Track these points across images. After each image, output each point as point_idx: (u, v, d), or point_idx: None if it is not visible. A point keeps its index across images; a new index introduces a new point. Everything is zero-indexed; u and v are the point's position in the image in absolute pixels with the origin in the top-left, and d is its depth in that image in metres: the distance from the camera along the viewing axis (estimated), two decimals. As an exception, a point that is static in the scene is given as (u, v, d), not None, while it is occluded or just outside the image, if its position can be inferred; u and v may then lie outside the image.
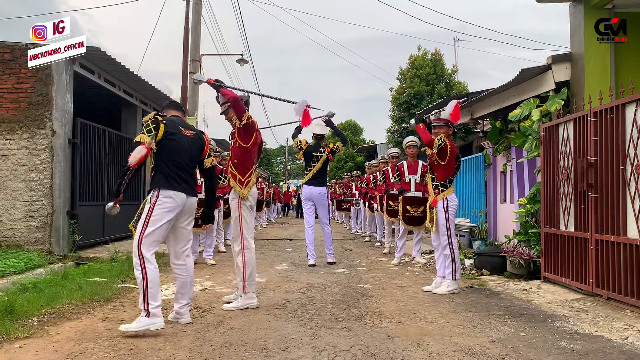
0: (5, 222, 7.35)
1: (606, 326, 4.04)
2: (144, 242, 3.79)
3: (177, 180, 3.94)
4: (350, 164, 29.27)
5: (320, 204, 7.69)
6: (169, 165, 3.94)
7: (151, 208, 3.83)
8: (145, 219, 3.82)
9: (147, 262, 3.76)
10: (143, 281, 3.72)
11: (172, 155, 3.96)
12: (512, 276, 6.42)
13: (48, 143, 7.40)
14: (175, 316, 4.14)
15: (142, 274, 3.73)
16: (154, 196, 3.86)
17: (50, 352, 3.34)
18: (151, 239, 3.81)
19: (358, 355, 3.29)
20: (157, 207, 3.83)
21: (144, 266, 3.74)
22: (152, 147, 3.88)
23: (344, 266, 7.56)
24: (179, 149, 4.00)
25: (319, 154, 7.63)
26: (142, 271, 3.73)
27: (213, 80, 4.80)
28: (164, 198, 3.85)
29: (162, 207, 3.83)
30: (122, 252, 7.87)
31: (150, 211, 3.82)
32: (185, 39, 12.59)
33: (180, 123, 4.13)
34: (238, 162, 4.74)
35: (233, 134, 4.81)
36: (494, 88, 7.95)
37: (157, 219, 3.82)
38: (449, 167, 5.60)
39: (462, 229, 9.01)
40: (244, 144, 4.71)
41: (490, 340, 3.66)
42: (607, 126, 4.86)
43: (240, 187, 4.69)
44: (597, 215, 5.00)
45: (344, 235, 14.62)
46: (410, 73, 17.20)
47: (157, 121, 3.96)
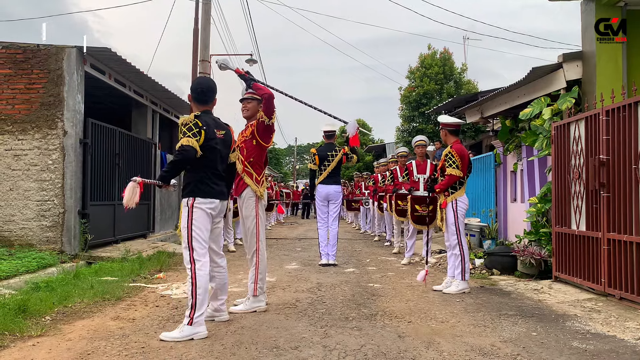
0: (17, 221, 7.43)
1: (619, 326, 4.01)
2: (195, 249, 3.75)
3: (212, 187, 3.87)
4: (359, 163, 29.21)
5: (335, 202, 7.70)
6: (205, 172, 3.84)
7: (190, 217, 3.78)
8: (187, 227, 3.78)
9: (198, 268, 3.73)
10: (192, 286, 3.69)
11: (208, 162, 3.85)
12: (523, 276, 6.39)
13: (59, 143, 7.46)
14: (213, 314, 4.12)
15: (192, 279, 3.71)
16: (189, 204, 3.79)
17: (63, 350, 3.37)
18: (199, 243, 3.77)
19: (369, 354, 3.29)
20: (195, 215, 3.78)
21: (195, 272, 3.71)
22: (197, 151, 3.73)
23: (354, 266, 7.56)
24: (214, 157, 3.89)
25: (334, 152, 7.63)
26: (193, 276, 3.71)
27: (244, 72, 4.66)
28: (199, 206, 3.79)
29: (199, 216, 3.79)
30: (133, 252, 7.92)
31: (190, 220, 3.77)
32: (194, 39, 12.62)
33: (213, 124, 3.93)
34: (254, 160, 4.60)
35: (251, 132, 4.62)
36: (504, 87, 7.91)
37: (198, 225, 3.78)
38: (460, 171, 5.56)
39: (473, 229, 8.97)
40: (265, 142, 4.62)
41: (501, 340, 3.65)
42: (619, 125, 4.81)
43: (257, 185, 4.57)
44: (609, 215, 4.96)
45: (353, 234, 14.61)
46: (420, 72, 17.15)
47: (199, 125, 3.77)
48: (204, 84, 4.08)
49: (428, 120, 16.28)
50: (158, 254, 7.89)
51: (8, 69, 7.55)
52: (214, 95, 4.06)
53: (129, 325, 4.00)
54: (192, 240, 3.75)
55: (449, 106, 11.58)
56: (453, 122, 5.76)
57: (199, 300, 3.68)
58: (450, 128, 5.70)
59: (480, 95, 10.00)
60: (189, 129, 3.74)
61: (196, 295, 3.67)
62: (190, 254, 3.74)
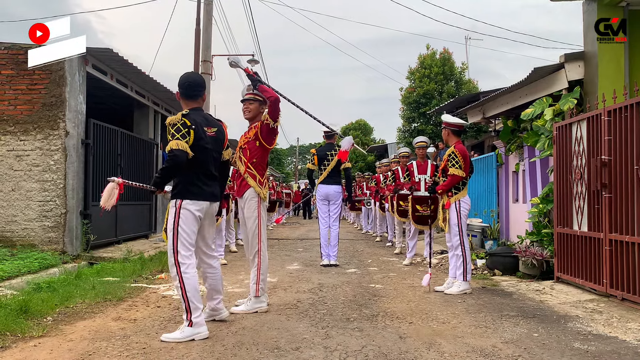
0: (19, 222, 7.44)
1: (621, 327, 4.00)
2: (179, 252, 3.67)
3: (201, 188, 3.76)
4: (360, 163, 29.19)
5: (335, 202, 7.71)
6: (195, 173, 3.74)
7: (176, 219, 3.69)
8: (174, 228, 3.69)
9: (183, 271, 3.64)
10: (182, 290, 3.63)
11: (199, 162, 3.74)
12: (525, 276, 6.38)
13: (61, 144, 7.46)
14: (211, 314, 4.08)
15: (180, 282, 3.63)
16: (177, 205, 3.70)
17: (64, 350, 3.37)
18: (184, 246, 3.69)
19: (370, 355, 3.29)
20: (182, 217, 3.69)
21: (181, 275, 3.63)
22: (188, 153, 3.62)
23: (355, 266, 7.56)
24: (205, 157, 3.77)
25: (334, 152, 7.63)
26: (180, 280, 3.63)
27: (253, 73, 4.63)
28: (187, 208, 3.70)
29: (186, 217, 3.70)
30: (135, 252, 7.93)
31: (177, 221, 3.68)
32: (196, 39, 12.63)
33: (203, 122, 3.80)
34: (257, 161, 4.58)
35: (255, 133, 4.59)
36: (505, 87, 7.90)
37: (184, 228, 3.69)
38: (463, 171, 5.55)
39: (474, 229, 8.96)
40: (268, 144, 4.60)
41: (502, 341, 3.64)
42: (621, 125, 4.80)
43: (260, 187, 4.56)
44: (611, 215, 4.95)
45: (355, 235, 14.61)
46: (420, 73, 17.13)
47: (187, 125, 3.64)
48: (191, 78, 3.94)
49: (428, 121, 16.26)
50: (160, 255, 7.89)
51: (10, 70, 7.56)
52: (203, 90, 3.95)
53: (131, 325, 4.00)
54: (178, 244, 3.67)
55: (450, 106, 11.56)
56: (457, 122, 5.76)
57: (192, 302, 3.62)
58: (454, 128, 5.70)
59: (482, 95, 9.99)
60: (177, 129, 3.61)
61: (187, 299, 3.62)
62: (175, 256, 3.66)
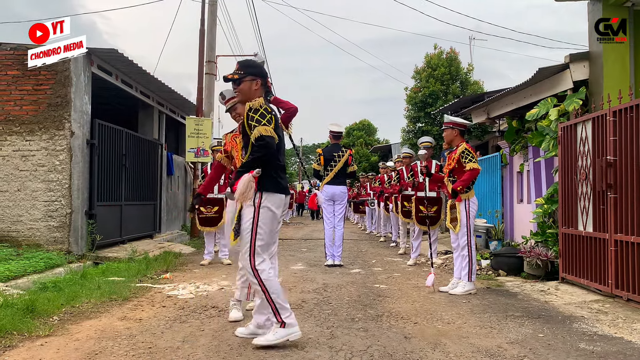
0: (25, 222, 7.47)
1: (626, 328, 3.99)
2: (256, 253, 3.39)
3: (279, 181, 3.49)
4: (364, 164, 29.17)
5: (340, 202, 7.71)
6: (273, 164, 3.44)
7: (256, 213, 3.37)
8: (253, 226, 3.38)
9: (262, 274, 3.38)
10: (265, 294, 3.37)
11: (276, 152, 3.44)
12: (530, 277, 6.37)
13: (67, 144, 7.49)
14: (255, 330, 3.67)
15: (260, 287, 3.37)
16: (255, 203, 3.37)
17: (71, 350, 3.39)
18: (262, 247, 3.42)
19: (375, 355, 3.29)
20: (261, 216, 3.38)
21: (261, 281, 3.37)
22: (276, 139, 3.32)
23: (360, 266, 7.56)
24: (280, 146, 3.50)
25: (341, 153, 7.64)
26: (260, 283, 3.37)
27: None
28: (267, 205, 3.39)
29: (270, 212, 3.40)
30: (140, 252, 7.95)
31: (257, 217, 3.37)
32: (200, 40, 12.64)
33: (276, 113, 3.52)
34: None
35: None
36: (510, 87, 7.89)
37: (266, 224, 3.40)
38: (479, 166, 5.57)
39: (479, 230, 8.94)
40: None
41: (508, 341, 3.64)
42: (626, 125, 4.79)
43: None
44: (616, 216, 4.94)
45: (359, 235, 14.60)
46: (426, 72, 17.08)
47: (269, 111, 3.34)
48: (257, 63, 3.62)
49: (434, 121, 16.22)
50: (164, 255, 7.92)
51: (16, 70, 7.60)
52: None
53: (136, 325, 4.02)
54: (256, 245, 3.38)
55: (455, 106, 11.55)
56: (464, 122, 5.81)
57: (277, 303, 3.38)
58: (462, 128, 5.73)
59: (486, 95, 9.98)
60: (262, 115, 3.32)
61: (272, 300, 3.38)
62: (251, 261, 3.38)
